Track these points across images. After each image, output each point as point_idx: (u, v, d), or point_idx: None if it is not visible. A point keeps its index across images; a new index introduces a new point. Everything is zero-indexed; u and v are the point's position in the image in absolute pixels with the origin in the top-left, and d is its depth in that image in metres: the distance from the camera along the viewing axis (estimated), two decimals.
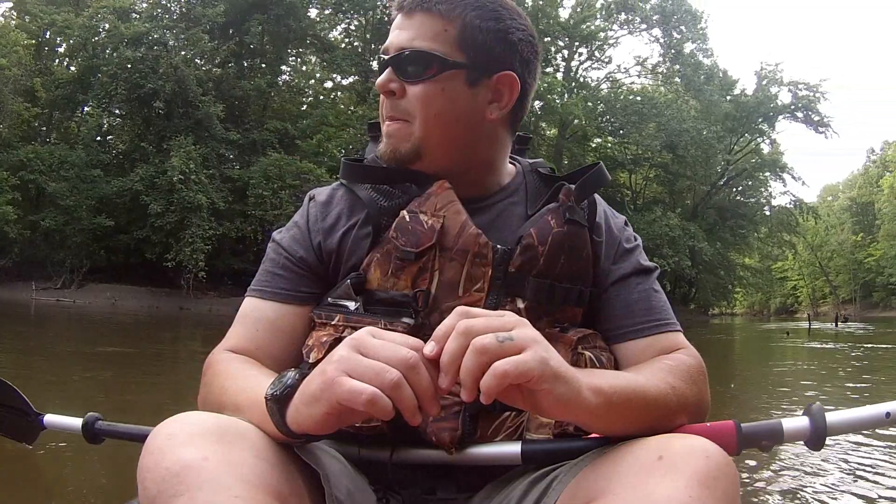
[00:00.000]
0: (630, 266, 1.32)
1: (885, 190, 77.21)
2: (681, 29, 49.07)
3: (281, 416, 0.93)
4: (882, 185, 79.14)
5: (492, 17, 1.24)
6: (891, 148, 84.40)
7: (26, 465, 3.55)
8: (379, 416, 0.84)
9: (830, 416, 1.17)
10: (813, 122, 51.12)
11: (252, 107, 35.52)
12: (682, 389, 1.12)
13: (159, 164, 30.17)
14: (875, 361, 14.18)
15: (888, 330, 33.97)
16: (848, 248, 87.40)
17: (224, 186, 31.62)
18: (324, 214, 1.31)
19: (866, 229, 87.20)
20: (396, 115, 1.23)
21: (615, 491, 0.87)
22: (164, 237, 30.29)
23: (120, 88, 30.40)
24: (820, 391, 8.47)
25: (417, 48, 1.20)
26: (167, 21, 32.38)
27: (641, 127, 43.90)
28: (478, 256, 1.21)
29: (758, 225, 56.76)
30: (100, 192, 30.35)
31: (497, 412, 1.19)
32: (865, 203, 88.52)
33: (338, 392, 0.85)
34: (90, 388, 6.90)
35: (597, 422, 0.99)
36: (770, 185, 57.54)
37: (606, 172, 1.36)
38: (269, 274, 1.30)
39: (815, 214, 62.67)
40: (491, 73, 1.24)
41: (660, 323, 1.27)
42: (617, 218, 1.39)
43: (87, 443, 1.70)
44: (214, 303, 30.81)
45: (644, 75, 53.51)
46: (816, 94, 50.77)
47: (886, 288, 78.74)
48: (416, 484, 1.23)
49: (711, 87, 48.81)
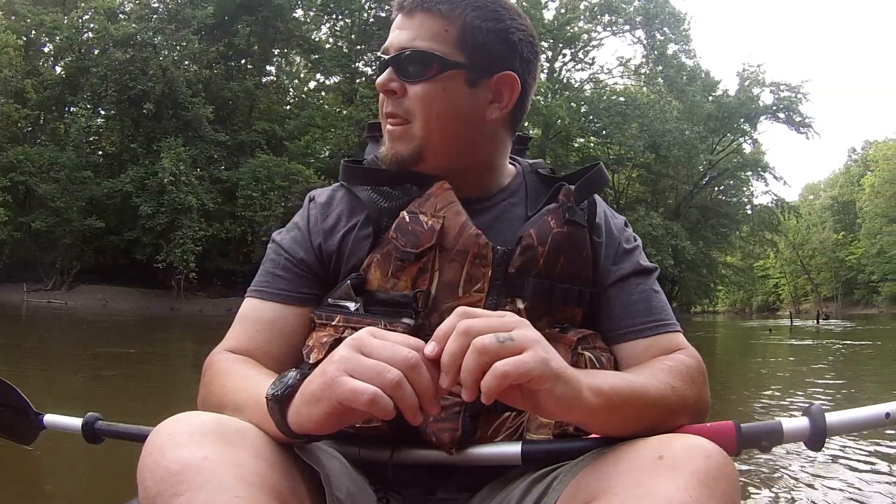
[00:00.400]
0: (630, 266, 1.33)
1: (866, 189, 77.22)
2: (664, 31, 49.89)
3: (282, 417, 0.94)
4: (863, 184, 79.21)
5: (492, 17, 1.26)
6: (872, 147, 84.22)
7: (26, 466, 3.50)
8: (380, 416, 0.85)
9: (830, 417, 1.18)
10: (794, 123, 52.22)
11: (239, 108, 35.96)
12: (682, 390, 1.13)
13: (149, 166, 30.47)
14: (852, 357, 14.95)
15: (869, 327, 34.78)
16: (829, 247, 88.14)
17: (213, 188, 32.01)
18: (324, 216, 1.32)
19: (848, 227, 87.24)
20: (398, 115, 1.25)
21: (615, 491, 0.88)
22: (154, 238, 30.62)
23: (110, 90, 30.76)
24: (794, 387, 8.69)
25: (418, 48, 1.21)
26: (156, 22, 32.58)
27: (624, 127, 44.72)
28: (478, 257, 1.22)
29: (739, 224, 57.80)
30: (90, 193, 30.61)
31: (497, 413, 1.20)
32: (847, 201, 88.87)
33: (339, 392, 0.85)
34: (90, 387, 7.05)
35: (597, 422, 1.00)
36: (752, 185, 58.78)
37: (606, 173, 1.36)
38: (269, 274, 1.31)
39: (796, 213, 63.11)
40: (491, 73, 1.26)
41: (660, 323, 1.29)
42: (617, 218, 1.41)
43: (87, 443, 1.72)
44: (205, 304, 31.30)
45: (627, 76, 54.41)
46: (798, 95, 51.92)
47: (868, 286, 79.38)
48: (417, 484, 1.24)
49: (694, 88, 49.86)
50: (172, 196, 29.56)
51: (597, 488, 0.92)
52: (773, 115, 52.54)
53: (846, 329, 32.07)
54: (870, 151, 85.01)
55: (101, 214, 31.20)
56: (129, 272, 32.87)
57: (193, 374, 1.32)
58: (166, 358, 11.93)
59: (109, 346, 12.83)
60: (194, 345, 13.91)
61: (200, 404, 1.19)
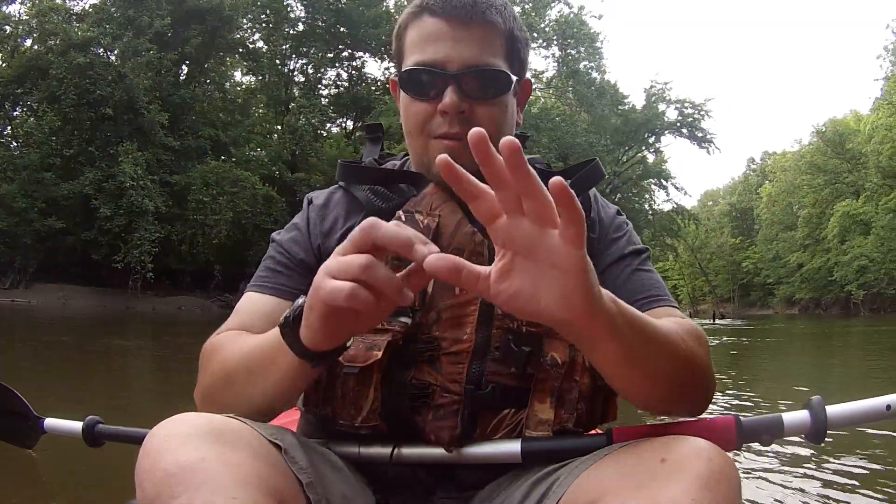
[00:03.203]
0: (618, 250, 1.37)
1: (763, 197, 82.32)
2: (578, 48, 52.78)
3: (294, 338, 1.00)
4: (761, 193, 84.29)
5: (522, 25, 1.32)
6: (771, 158, 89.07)
7: (25, 466, 3.53)
8: (364, 309, 0.88)
9: (831, 410, 1.22)
10: (697, 139, 56.26)
11: (187, 114, 37.67)
12: (691, 344, 1.12)
13: (106, 169, 32.27)
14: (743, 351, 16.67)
15: (762, 326, 37.01)
16: (727, 251, 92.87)
17: (163, 191, 33.98)
18: (321, 217, 1.38)
19: (745, 233, 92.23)
20: (462, 134, 1.21)
21: (617, 493, 0.89)
22: (111, 239, 32.39)
23: (70, 93, 32.01)
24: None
25: (491, 65, 1.23)
26: (115, 29, 33.87)
27: (537, 140, 47.02)
28: (473, 255, 1.24)
29: (641, 229, 60.84)
30: (47, 193, 31.88)
31: (496, 410, 1.24)
32: (744, 209, 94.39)
33: (322, 294, 0.90)
34: (88, 386, 7.29)
35: (613, 335, 0.91)
36: (654, 193, 63.24)
37: (602, 169, 1.41)
38: (269, 270, 1.36)
39: (695, 220, 66.91)
40: (520, 80, 1.33)
41: (653, 298, 1.31)
42: (609, 209, 1.45)
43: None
44: (156, 302, 33.65)
45: (539, 89, 57.12)
46: (701, 113, 55.95)
47: (763, 288, 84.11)
48: (417, 483, 1.28)
49: (603, 103, 52.75)
50: (131, 199, 31.48)
51: (599, 490, 0.93)
52: (677, 130, 56.69)
53: (737, 327, 34.66)
54: (768, 162, 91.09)
55: (58, 215, 32.43)
56: (81, 270, 34.10)
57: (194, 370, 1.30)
58: (171, 353, 12.18)
59: (111, 341, 13.67)
60: (188, 339, 14.38)
61: (201, 391, 1.24)
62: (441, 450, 1.22)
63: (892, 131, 49.02)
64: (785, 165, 75.91)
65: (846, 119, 66.24)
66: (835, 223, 57.30)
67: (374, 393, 1.23)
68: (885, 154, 50.02)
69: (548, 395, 1.23)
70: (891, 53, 56.04)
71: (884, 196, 51.22)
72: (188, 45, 36.83)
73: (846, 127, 62.90)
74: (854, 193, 58.00)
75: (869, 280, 51.46)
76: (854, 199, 56.48)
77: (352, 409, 1.24)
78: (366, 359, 1.21)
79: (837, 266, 56.77)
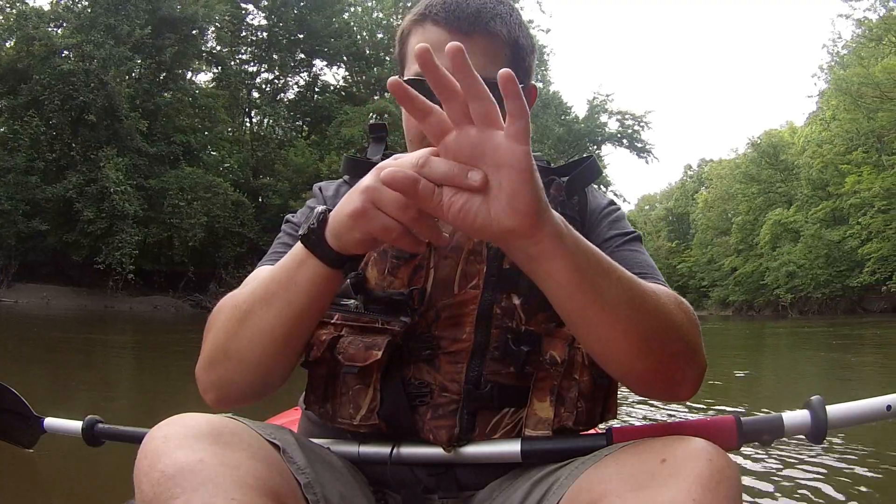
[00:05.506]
0: (603, 232, 1.42)
1: (699, 203, 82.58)
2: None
3: (322, 244, 1.05)
4: (698, 199, 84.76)
5: (528, 31, 1.34)
6: (708, 165, 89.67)
7: (25, 466, 3.56)
8: (410, 250, 0.98)
9: (831, 410, 1.24)
10: (636, 149, 60.52)
11: (160, 120, 39.46)
12: (671, 307, 1.13)
13: (87, 173, 34.08)
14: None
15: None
16: (663, 254, 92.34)
17: (139, 195, 35.76)
18: (333, 205, 1.28)
19: (681, 237, 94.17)
20: None
21: (618, 493, 0.92)
22: (92, 241, 34.35)
23: (55, 98, 33.49)
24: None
25: (491, 78, 0.99)
26: (97, 37, 34.99)
27: None
28: (472, 253, 1.27)
29: None
30: (31, 196, 33.22)
31: (495, 409, 1.27)
32: (681, 213, 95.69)
33: (371, 226, 0.96)
34: (89, 385, 7.48)
35: (561, 252, 0.94)
36: None
37: (599, 166, 1.46)
38: (283, 245, 1.41)
39: (633, 224, 67.42)
40: (525, 88, 1.30)
41: (642, 274, 1.27)
42: (601, 198, 1.50)
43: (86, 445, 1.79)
44: (132, 302, 35.80)
45: None
46: (641, 124, 60.38)
47: (698, 290, 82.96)
48: (416, 483, 1.30)
49: (548, 114, 55.40)
50: (113, 203, 33.43)
51: (599, 491, 0.96)
52: (618, 141, 60.58)
53: None
54: (705, 169, 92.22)
55: (41, 216, 33.77)
56: (59, 271, 35.82)
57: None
58: (173, 346, 12.73)
59: (107, 336, 14.51)
60: (179, 335, 15.20)
61: (210, 351, 1.22)
62: (440, 449, 1.26)
63: (822, 147, 51.50)
64: (721, 173, 77.35)
65: (781, 131, 68.37)
66: (767, 230, 59.17)
67: (374, 392, 1.28)
68: (815, 167, 52.48)
69: (547, 393, 1.28)
70: (825, 73, 59.05)
71: (813, 206, 53.46)
72: (164, 53, 38.98)
73: (781, 139, 65.28)
74: (786, 202, 60.30)
75: (797, 285, 53.60)
76: (786, 208, 58.83)
77: (351, 408, 1.30)
78: (365, 358, 1.26)
79: (768, 271, 58.67)
